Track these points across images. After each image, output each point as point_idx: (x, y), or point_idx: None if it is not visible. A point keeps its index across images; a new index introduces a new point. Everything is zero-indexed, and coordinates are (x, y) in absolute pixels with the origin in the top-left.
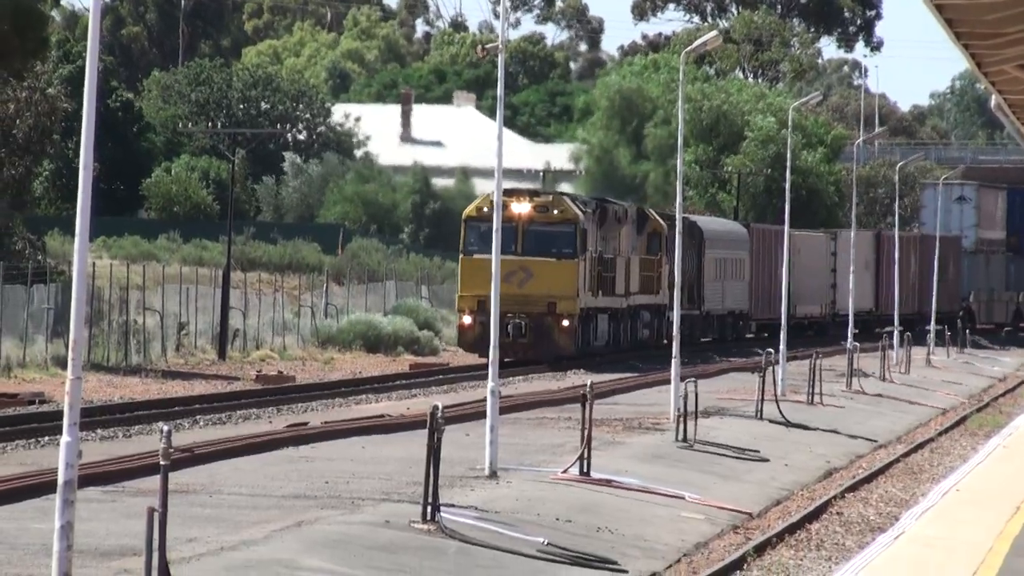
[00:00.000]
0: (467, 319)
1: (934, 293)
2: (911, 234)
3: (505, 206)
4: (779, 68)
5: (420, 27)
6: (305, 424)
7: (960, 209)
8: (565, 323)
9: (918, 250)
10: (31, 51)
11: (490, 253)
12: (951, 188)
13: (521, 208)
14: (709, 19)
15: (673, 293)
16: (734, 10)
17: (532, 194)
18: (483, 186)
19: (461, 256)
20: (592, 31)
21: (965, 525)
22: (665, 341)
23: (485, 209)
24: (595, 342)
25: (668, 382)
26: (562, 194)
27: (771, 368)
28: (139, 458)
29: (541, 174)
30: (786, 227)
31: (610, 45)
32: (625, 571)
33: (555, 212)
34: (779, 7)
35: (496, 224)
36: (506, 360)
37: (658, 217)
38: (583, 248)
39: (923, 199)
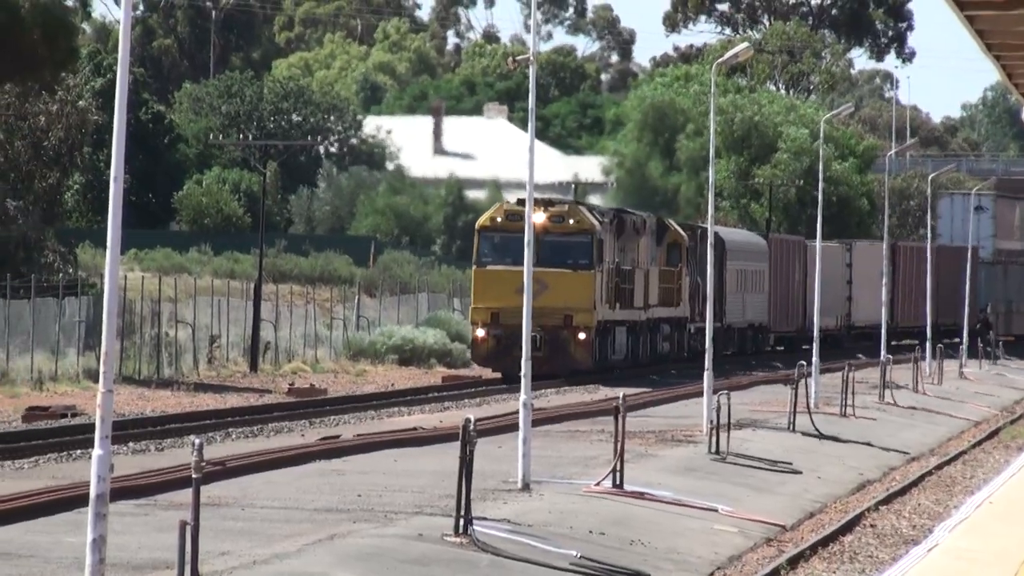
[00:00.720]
0: (481, 332)
1: (966, 304)
2: (923, 245)
3: (519, 215)
4: (811, 79)
5: (451, 39)
6: (337, 437)
7: (977, 219)
8: (581, 336)
9: (935, 261)
10: (61, 62)
11: (504, 264)
12: (968, 198)
13: (536, 218)
14: (741, 30)
15: (694, 305)
16: (766, 21)
17: (547, 204)
18: (515, 198)
19: (474, 267)
20: (623, 42)
21: (998, 538)
22: (686, 355)
23: (498, 219)
24: (613, 356)
25: (695, 396)
26: (578, 203)
27: (803, 380)
28: (171, 471)
29: (572, 186)
30: (818, 239)
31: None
32: None
33: (571, 222)
34: (811, 18)
35: (528, 236)
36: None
37: (678, 228)
38: (600, 259)
39: (939, 209)
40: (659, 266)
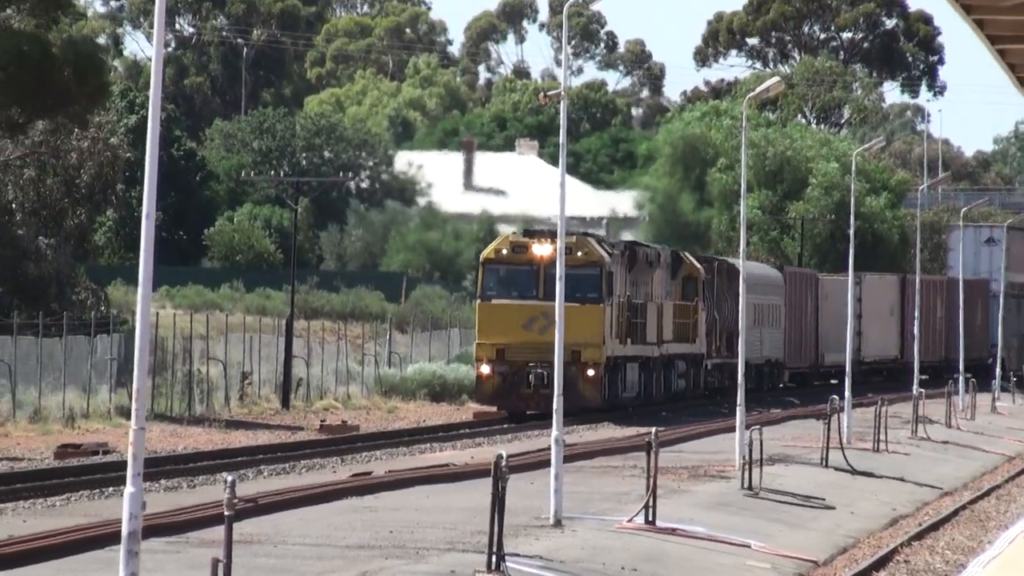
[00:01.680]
0: (485, 369)
1: (999, 336)
2: (938, 278)
3: (525, 247)
4: (842, 113)
5: (482, 74)
6: (369, 473)
7: (989, 252)
8: (590, 372)
9: (944, 294)
10: (92, 97)
11: (509, 298)
12: (980, 230)
13: (542, 250)
14: (771, 65)
15: (711, 340)
16: (796, 56)
17: (554, 235)
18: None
19: (478, 301)
20: (654, 77)
21: None
22: (703, 392)
23: (503, 251)
24: (624, 393)
25: (726, 431)
26: (586, 235)
27: (835, 415)
28: (203, 508)
29: (604, 221)
30: (849, 273)
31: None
32: None
33: (579, 254)
34: (842, 52)
35: (560, 271)
36: (528, 413)
37: (694, 261)
38: (609, 292)
39: (950, 241)
40: (674, 300)
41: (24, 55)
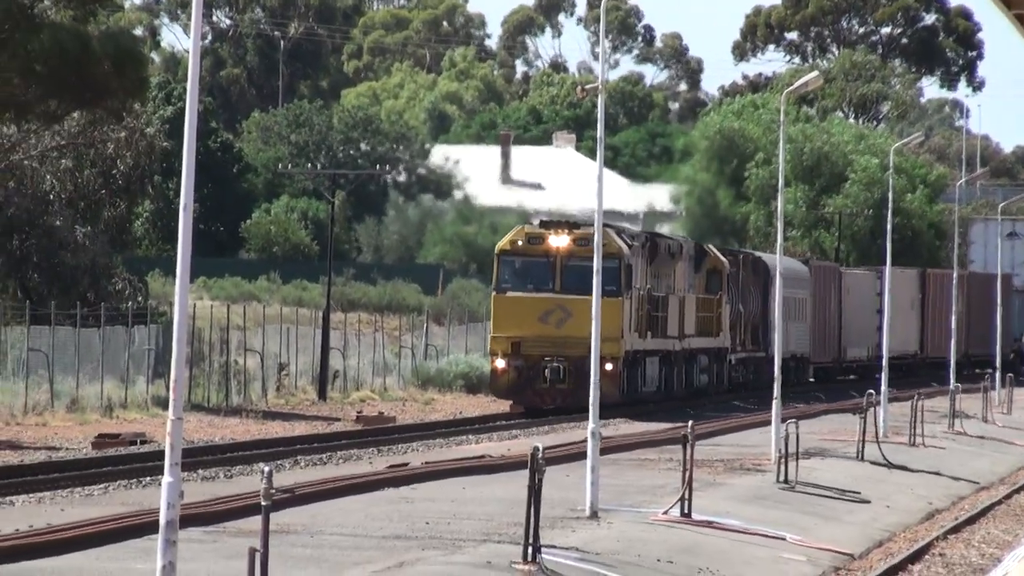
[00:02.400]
0: (500, 363)
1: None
2: (959, 272)
3: (541, 239)
4: (880, 108)
5: (519, 67)
6: (406, 465)
7: (1011, 246)
8: (608, 367)
9: (965, 289)
10: (130, 91)
11: (525, 290)
12: (1002, 224)
13: (559, 241)
14: (810, 60)
15: (736, 335)
16: (835, 50)
17: (571, 226)
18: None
19: (493, 294)
20: (692, 71)
21: None
22: (727, 387)
23: (519, 242)
24: (644, 388)
25: (762, 424)
26: (606, 226)
27: (871, 409)
28: (240, 498)
29: (641, 215)
30: (887, 268)
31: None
32: None
33: None
34: (880, 47)
35: (596, 264)
36: (544, 408)
37: (718, 253)
38: (628, 285)
39: (971, 235)
40: (697, 293)
41: (64, 49)
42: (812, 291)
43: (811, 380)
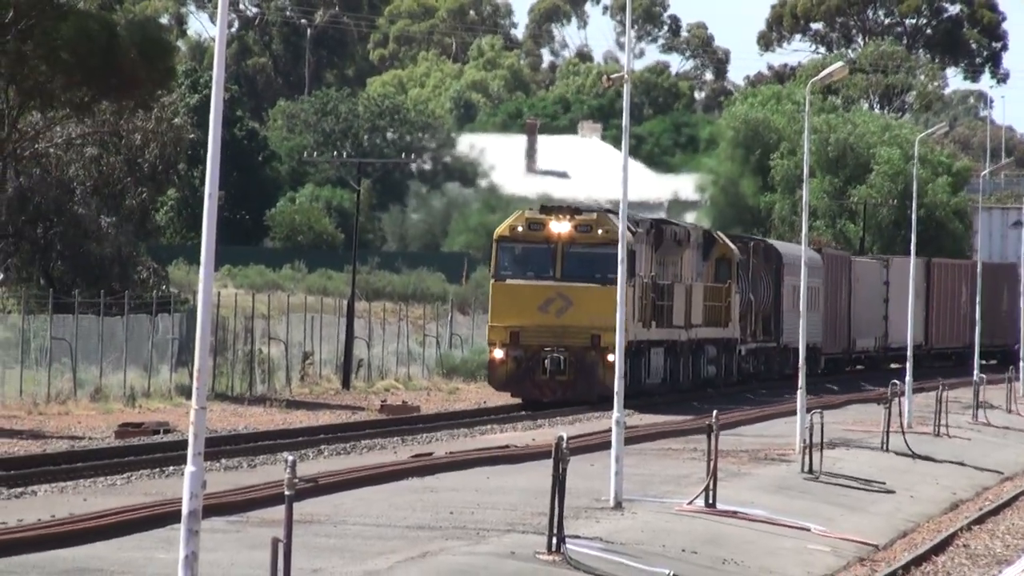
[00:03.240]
0: (499, 353)
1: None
2: (963, 262)
3: (542, 224)
4: (904, 99)
5: (546, 57)
6: (430, 454)
7: (1017, 235)
8: (611, 358)
9: (969, 279)
10: (158, 81)
11: (525, 278)
12: (1007, 212)
13: (560, 227)
14: (835, 50)
15: (746, 325)
16: (860, 41)
17: (573, 212)
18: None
19: (492, 281)
20: (718, 61)
21: None
22: (736, 379)
23: (519, 228)
24: (648, 380)
25: (787, 415)
26: (608, 211)
27: (896, 399)
28: (263, 488)
29: (666, 204)
30: (911, 259)
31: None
32: None
33: (599, 232)
34: (905, 38)
35: (621, 254)
36: (544, 400)
37: (727, 241)
38: (632, 273)
39: (975, 224)
40: (705, 282)
41: (90, 37)
42: (824, 280)
43: (821, 372)
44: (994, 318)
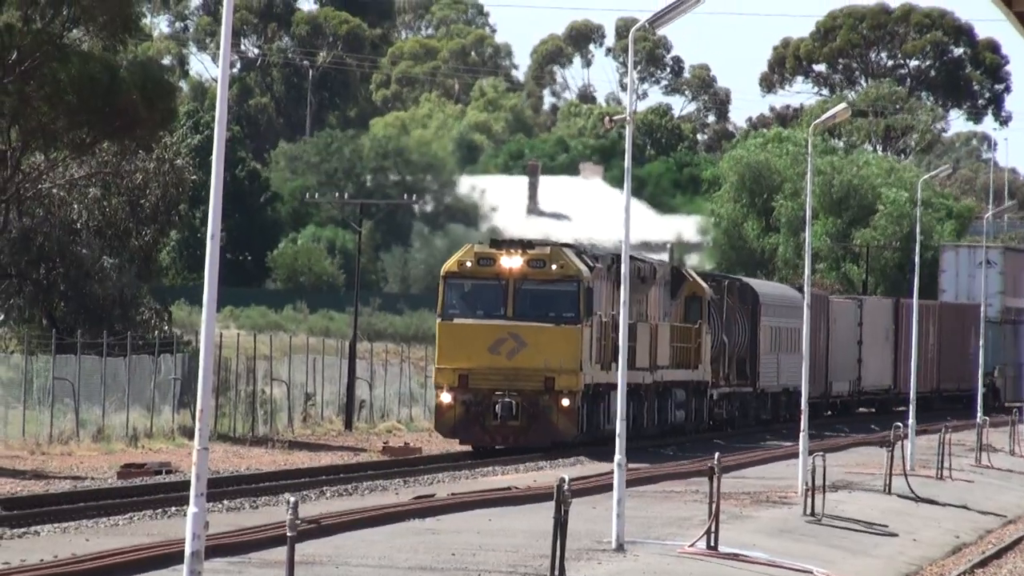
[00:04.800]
0: (446, 397)
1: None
2: (931, 303)
3: (492, 259)
4: (907, 140)
5: (547, 98)
6: (432, 496)
7: (985, 274)
8: (565, 402)
9: (937, 320)
10: (159, 122)
11: (474, 317)
12: (975, 251)
13: (512, 262)
14: (838, 91)
15: (719, 367)
16: (863, 83)
17: (525, 246)
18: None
19: (439, 320)
20: (719, 103)
21: None
22: (708, 424)
23: (467, 263)
24: (607, 425)
25: (789, 457)
26: (564, 246)
27: (899, 442)
28: (265, 529)
29: (668, 245)
30: (914, 301)
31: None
32: None
33: (553, 267)
34: (908, 80)
35: (624, 296)
36: (496, 447)
37: (698, 279)
38: (588, 311)
39: (943, 263)
40: (673, 321)
41: (93, 78)
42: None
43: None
44: (961, 360)
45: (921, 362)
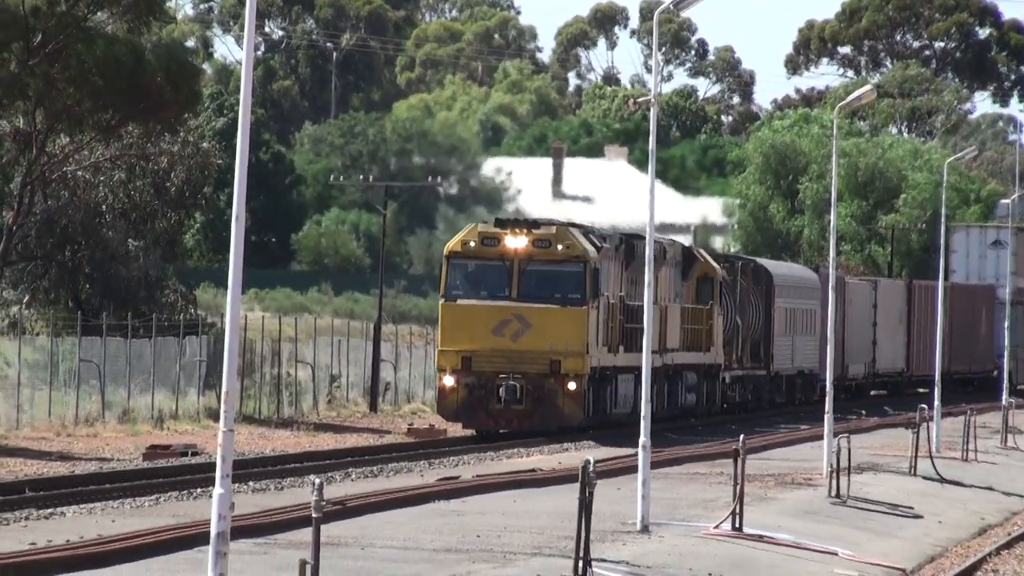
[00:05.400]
0: (449, 380)
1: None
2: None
3: (496, 239)
4: (932, 122)
5: (572, 80)
6: (457, 477)
7: (996, 255)
8: (571, 386)
9: (948, 301)
10: (184, 105)
11: (477, 298)
12: (985, 231)
13: (516, 242)
14: (863, 73)
15: (732, 350)
16: (888, 64)
17: (530, 225)
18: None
19: (442, 301)
20: (744, 84)
21: None
22: (720, 407)
23: (471, 243)
24: (615, 409)
25: (814, 439)
26: (571, 225)
27: (924, 424)
28: (291, 510)
29: (693, 228)
30: (939, 283)
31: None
32: None
33: (559, 247)
34: (934, 61)
35: (648, 277)
36: (499, 431)
37: (710, 259)
38: (595, 292)
39: (953, 243)
40: (684, 303)
41: (118, 60)
42: (822, 302)
43: (816, 399)
44: (972, 342)
45: (930, 344)
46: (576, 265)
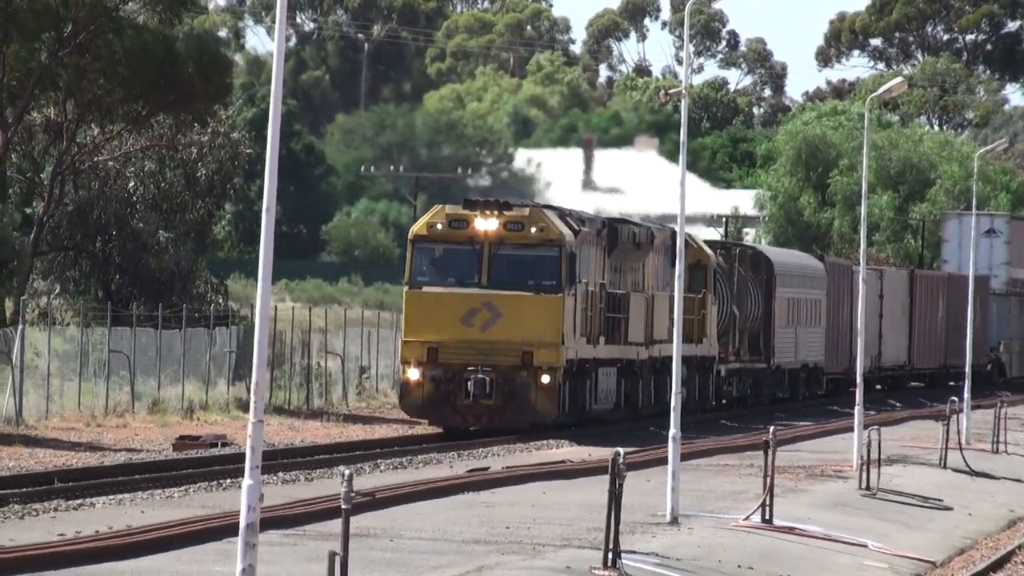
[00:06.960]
0: (413, 374)
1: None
2: (937, 273)
3: (465, 222)
4: (963, 115)
5: (603, 72)
6: (486, 469)
7: (989, 244)
8: (545, 379)
9: (945, 292)
10: (214, 96)
11: (445, 285)
12: (979, 220)
13: (487, 225)
14: (894, 65)
15: (727, 341)
16: (919, 56)
17: (501, 207)
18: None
19: (406, 288)
20: (776, 76)
21: None
22: (715, 403)
23: (438, 226)
24: (595, 405)
25: (844, 431)
26: (545, 207)
27: (954, 416)
28: (320, 502)
29: (724, 220)
30: (971, 274)
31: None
32: None
33: (532, 230)
34: (964, 54)
35: (679, 269)
36: (468, 429)
37: (702, 245)
38: (572, 278)
39: (945, 232)
40: (673, 292)
41: (148, 51)
42: (828, 292)
43: (821, 394)
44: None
45: (928, 337)
46: (551, 249)
